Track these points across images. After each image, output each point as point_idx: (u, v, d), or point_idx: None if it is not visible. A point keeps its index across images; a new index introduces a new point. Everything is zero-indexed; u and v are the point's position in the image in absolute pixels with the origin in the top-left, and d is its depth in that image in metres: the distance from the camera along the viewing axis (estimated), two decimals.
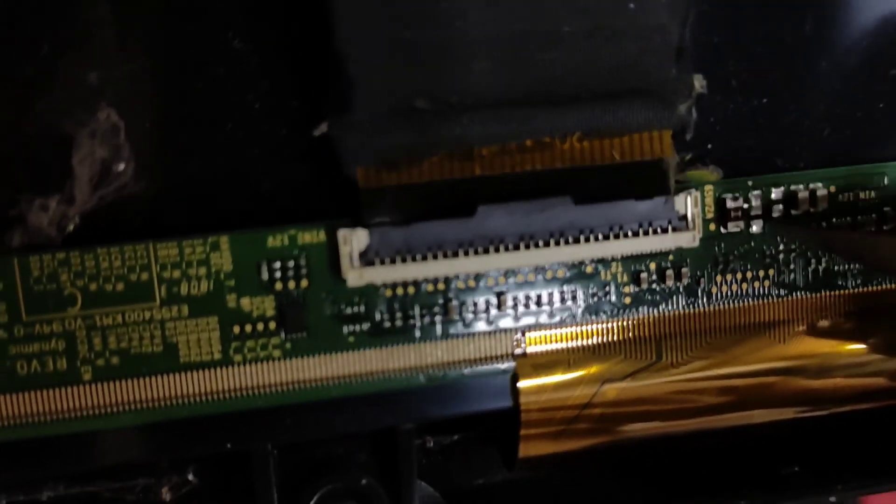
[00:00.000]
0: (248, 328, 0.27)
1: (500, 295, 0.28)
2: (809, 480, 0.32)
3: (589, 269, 0.29)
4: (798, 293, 0.30)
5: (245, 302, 0.27)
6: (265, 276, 0.27)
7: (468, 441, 0.32)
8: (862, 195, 0.30)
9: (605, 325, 0.29)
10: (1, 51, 0.25)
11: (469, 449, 0.32)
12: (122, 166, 0.26)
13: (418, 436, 0.31)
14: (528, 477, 0.33)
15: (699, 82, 0.28)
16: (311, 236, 0.27)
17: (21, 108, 0.26)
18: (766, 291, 0.30)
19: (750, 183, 0.29)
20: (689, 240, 0.28)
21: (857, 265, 0.30)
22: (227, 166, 0.27)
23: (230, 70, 0.27)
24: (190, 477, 0.30)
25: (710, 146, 0.29)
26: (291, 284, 0.27)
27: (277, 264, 0.27)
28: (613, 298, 0.29)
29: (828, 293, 0.30)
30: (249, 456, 0.28)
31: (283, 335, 0.27)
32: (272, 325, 0.27)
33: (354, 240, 0.27)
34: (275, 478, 0.28)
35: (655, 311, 0.29)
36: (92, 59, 0.26)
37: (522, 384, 0.29)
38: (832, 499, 0.32)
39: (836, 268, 0.30)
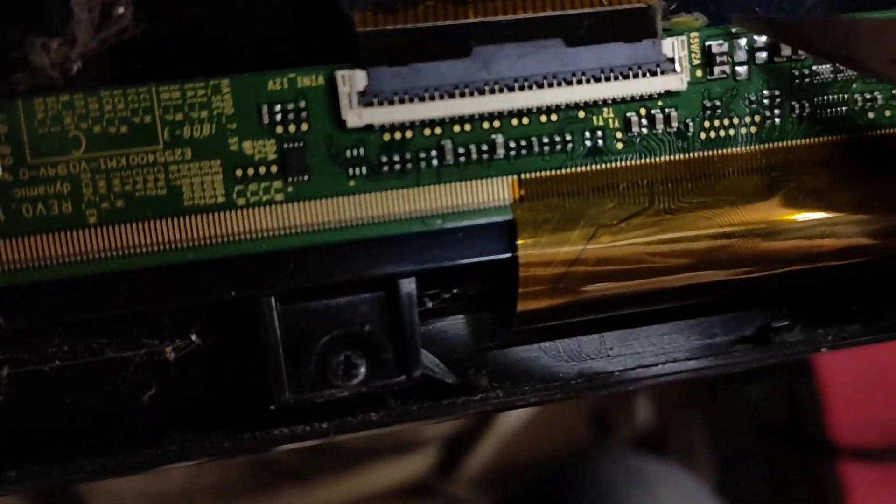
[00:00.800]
0: (251, 171, 0.28)
1: (496, 137, 0.29)
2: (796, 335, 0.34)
3: (581, 114, 0.29)
4: (784, 141, 0.31)
5: (247, 145, 0.28)
6: (266, 119, 0.28)
7: (465, 298, 0.33)
8: None
9: (598, 169, 0.30)
10: None
11: (466, 307, 0.33)
12: (121, 9, 0.27)
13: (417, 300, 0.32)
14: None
15: None
16: (311, 80, 0.28)
17: None
18: (752, 138, 0.31)
19: (734, 30, 0.30)
20: (677, 83, 0.29)
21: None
22: (228, 10, 0.28)
23: None
24: (193, 337, 0.31)
25: None
26: (292, 128, 0.28)
27: (278, 107, 0.28)
28: (606, 143, 0.30)
29: (814, 140, 0.31)
30: (252, 305, 0.29)
31: (284, 178, 0.28)
32: (274, 168, 0.28)
33: (353, 81, 0.27)
34: (279, 326, 0.29)
35: (647, 156, 0.30)
36: None
37: (521, 235, 0.29)
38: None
39: (820, 113, 0.31)
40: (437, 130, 0.29)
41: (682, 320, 0.34)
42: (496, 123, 0.29)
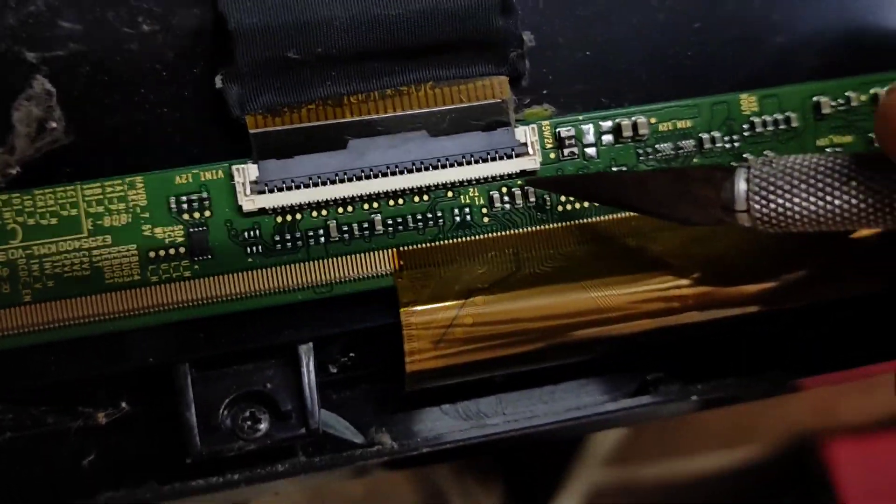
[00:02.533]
0: (162, 253, 0.32)
1: (374, 216, 0.34)
2: (672, 385, 0.37)
3: (449, 194, 0.34)
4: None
5: (158, 231, 0.33)
6: (174, 208, 0.33)
7: (368, 367, 0.37)
8: (680, 124, 0.35)
9: (468, 240, 0.34)
10: None
11: (370, 376, 0.37)
12: (54, 124, 0.32)
13: (322, 368, 0.36)
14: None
15: (528, 38, 0.35)
16: (212, 174, 0.33)
17: None
18: (602, 208, 0.35)
19: (581, 117, 0.35)
20: (531, 163, 0.34)
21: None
22: (142, 120, 0.33)
23: (141, 45, 0.33)
24: (123, 404, 0.35)
25: (545, 91, 0.35)
26: (197, 214, 0.33)
27: (184, 198, 0.33)
28: (473, 217, 0.34)
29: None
30: (169, 370, 0.33)
31: (191, 258, 0.33)
32: (182, 249, 0.33)
33: (246, 173, 0.33)
34: (192, 389, 0.33)
35: (510, 227, 0.34)
36: (30, 41, 0.32)
37: (402, 300, 0.33)
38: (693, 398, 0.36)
39: None
40: (323, 212, 0.33)
41: (571, 381, 0.38)
42: (374, 204, 0.34)
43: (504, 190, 0.34)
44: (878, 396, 0.90)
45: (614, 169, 0.35)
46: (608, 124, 0.35)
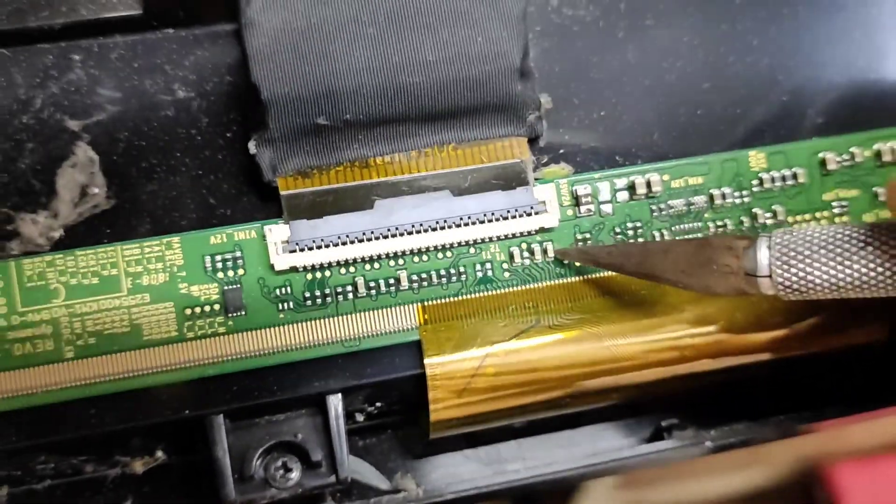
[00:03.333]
0: (198, 310, 0.34)
1: (400, 273, 0.35)
2: (686, 431, 0.38)
3: (472, 251, 0.36)
4: None
5: (195, 289, 0.34)
6: (210, 267, 0.34)
7: (393, 414, 0.38)
8: (692, 181, 0.37)
9: (489, 295, 0.36)
10: (5, 108, 0.33)
11: (396, 424, 0.38)
12: (96, 189, 0.34)
13: (349, 416, 0.37)
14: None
15: (545, 100, 0.36)
16: (245, 233, 0.34)
17: (19, 148, 0.34)
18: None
19: (597, 176, 0.37)
20: (550, 220, 0.36)
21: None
22: (178, 184, 0.35)
23: (177, 112, 0.35)
24: (159, 453, 0.36)
25: (561, 151, 0.37)
26: (231, 273, 0.34)
27: (219, 257, 0.34)
28: (494, 273, 0.36)
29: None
30: (204, 422, 0.34)
31: (225, 315, 0.34)
32: (217, 306, 0.34)
33: (278, 233, 0.34)
34: (227, 439, 0.34)
35: (530, 282, 0.36)
36: (73, 111, 0.34)
37: (427, 352, 0.35)
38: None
39: (677, 239, 0.37)
40: (351, 269, 0.35)
41: (588, 426, 0.39)
42: (400, 261, 0.35)
43: (524, 246, 0.36)
44: (885, 421, 0.91)
45: (629, 225, 0.37)
46: (623, 182, 0.37)
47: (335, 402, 0.35)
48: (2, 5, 0.33)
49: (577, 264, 0.36)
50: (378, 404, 0.37)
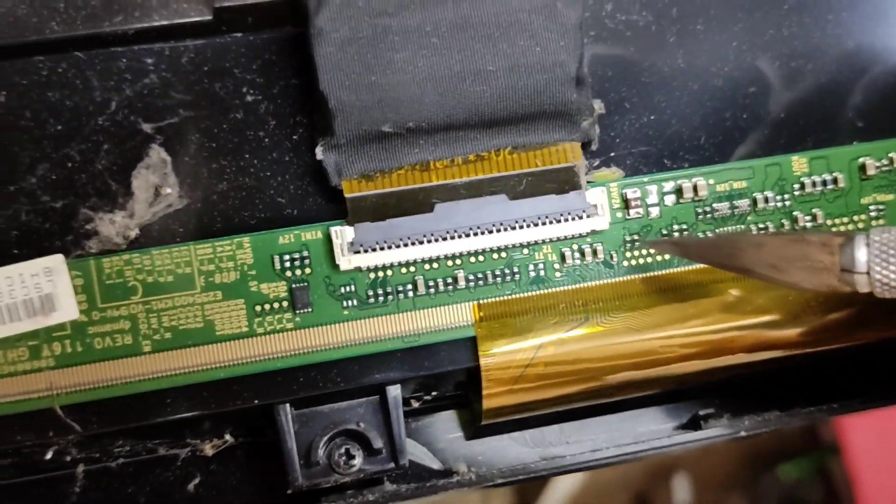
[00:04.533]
0: (267, 307, 0.36)
1: (458, 272, 0.37)
2: (723, 420, 0.41)
3: (525, 252, 0.37)
4: (693, 264, 0.38)
5: (264, 287, 0.36)
6: (278, 266, 0.36)
7: (445, 399, 0.40)
8: (736, 185, 0.39)
9: (541, 294, 0.38)
10: (82, 110, 0.35)
11: (448, 406, 0.41)
12: (168, 190, 0.35)
13: (405, 402, 0.39)
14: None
15: (598, 106, 0.38)
16: (312, 234, 0.36)
17: (95, 149, 0.35)
18: (666, 263, 0.38)
19: (646, 179, 0.38)
20: (601, 223, 0.37)
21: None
22: (248, 185, 0.36)
23: (246, 115, 0.36)
24: (227, 436, 0.38)
25: (612, 154, 0.38)
26: (298, 272, 0.36)
27: (287, 257, 0.36)
28: (546, 273, 0.38)
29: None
30: (272, 410, 0.36)
31: (293, 311, 0.36)
32: (285, 303, 0.36)
33: (343, 234, 0.36)
34: (293, 426, 0.36)
35: (580, 282, 0.38)
36: (147, 113, 0.35)
37: (481, 348, 0.37)
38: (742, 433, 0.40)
39: None
40: (411, 269, 0.37)
41: (627, 411, 0.42)
42: (458, 262, 0.37)
43: (575, 247, 0.38)
44: None
45: (675, 227, 0.38)
46: (670, 185, 0.38)
47: (394, 393, 0.37)
48: (77, 10, 0.35)
49: (617, 256, 0.38)
50: (434, 393, 0.40)
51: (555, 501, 0.99)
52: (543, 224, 0.37)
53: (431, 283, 0.37)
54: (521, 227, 0.37)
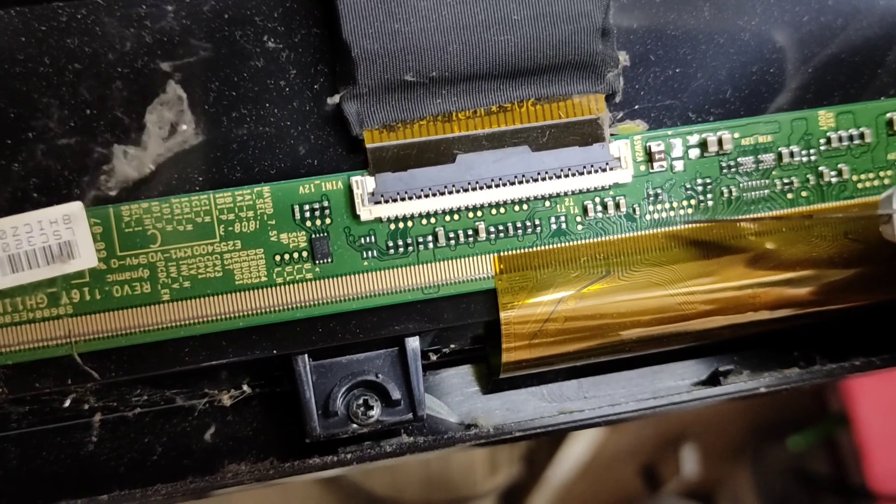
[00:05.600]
0: (287, 257, 0.36)
1: (479, 224, 0.37)
2: (742, 376, 0.40)
3: (547, 204, 0.37)
4: (715, 218, 0.38)
5: (283, 236, 0.36)
6: (298, 216, 0.36)
7: (463, 352, 0.40)
8: (761, 139, 0.38)
9: (563, 247, 0.37)
10: (101, 55, 0.34)
11: (465, 360, 0.41)
12: (184, 126, 0.35)
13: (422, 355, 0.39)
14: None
15: (623, 58, 0.37)
16: (332, 184, 0.36)
17: (109, 87, 0.35)
18: (689, 217, 0.38)
19: (669, 133, 0.38)
20: (624, 176, 0.37)
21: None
22: (268, 134, 0.36)
23: (266, 63, 0.36)
24: (244, 387, 0.38)
25: (636, 107, 0.38)
26: (318, 222, 0.36)
27: (307, 207, 0.36)
28: (568, 226, 0.37)
29: (741, 217, 0.38)
30: (290, 360, 0.36)
31: (313, 261, 0.36)
32: (305, 253, 0.36)
33: (364, 185, 0.35)
34: (311, 377, 0.36)
35: (602, 235, 0.37)
36: (164, 54, 0.35)
37: (502, 300, 0.37)
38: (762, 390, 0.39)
39: (745, 195, 0.38)
40: (432, 220, 0.36)
41: (646, 367, 0.41)
42: (479, 213, 0.37)
43: (597, 200, 0.37)
44: None
45: (698, 182, 0.38)
46: (695, 139, 0.38)
47: (413, 345, 0.37)
48: None
49: (640, 209, 0.37)
50: (452, 346, 0.39)
51: (563, 470, 0.99)
52: (566, 176, 0.36)
53: (452, 235, 0.36)
54: (544, 179, 0.36)
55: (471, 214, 0.37)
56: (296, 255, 0.36)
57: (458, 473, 0.92)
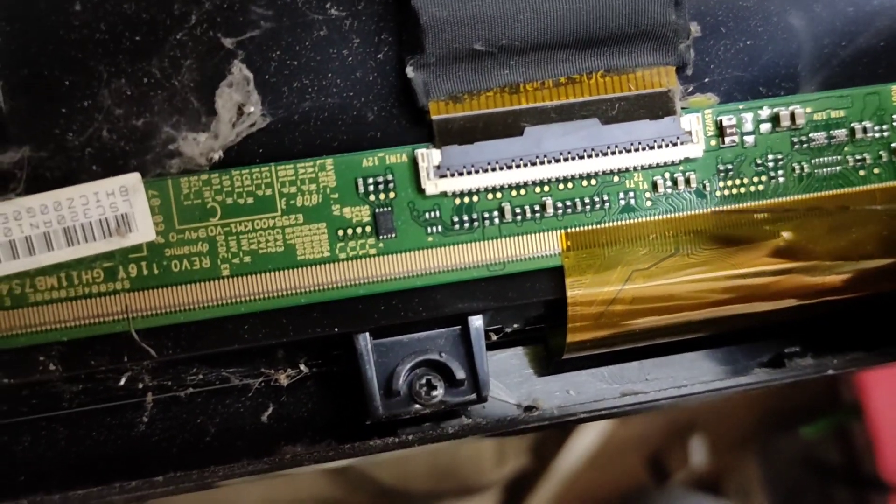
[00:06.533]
0: (350, 231, 0.35)
1: (546, 199, 0.35)
2: (806, 359, 0.39)
3: (616, 179, 0.36)
4: (787, 196, 0.37)
5: (346, 210, 0.35)
6: (361, 189, 0.35)
7: (521, 333, 0.39)
8: (833, 114, 0.37)
9: (631, 223, 0.36)
10: (160, 24, 0.33)
11: (523, 341, 0.40)
12: (251, 108, 0.34)
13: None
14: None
15: (695, 28, 0.36)
16: (397, 157, 0.35)
17: (175, 66, 0.33)
18: (760, 194, 0.37)
19: (741, 106, 0.37)
20: (694, 151, 0.36)
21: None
22: (331, 105, 0.35)
23: (330, 31, 0.34)
24: (302, 366, 0.37)
25: (706, 80, 0.37)
26: (382, 196, 0.35)
27: (371, 180, 0.35)
28: (637, 202, 0.36)
29: (813, 195, 0.37)
30: (350, 339, 0.35)
31: (377, 236, 0.35)
32: (368, 228, 0.35)
33: (430, 158, 0.34)
34: (372, 356, 0.35)
35: (671, 212, 0.36)
36: (228, 28, 0.34)
37: (569, 278, 0.36)
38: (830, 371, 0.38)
39: (817, 172, 0.37)
40: (498, 195, 0.35)
41: (708, 349, 0.40)
42: (546, 188, 0.36)
43: (667, 175, 0.36)
44: None
45: (769, 157, 0.37)
46: (766, 113, 0.37)
47: (477, 323, 0.36)
48: None
49: (710, 185, 0.36)
50: (515, 325, 0.38)
51: (570, 461, 0.99)
52: (636, 150, 0.35)
53: (518, 210, 0.35)
54: (613, 153, 0.35)
55: (538, 189, 0.36)
56: (359, 229, 0.35)
57: (465, 463, 0.92)
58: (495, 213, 0.35)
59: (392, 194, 0.35)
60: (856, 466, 1.02)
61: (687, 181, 0.36)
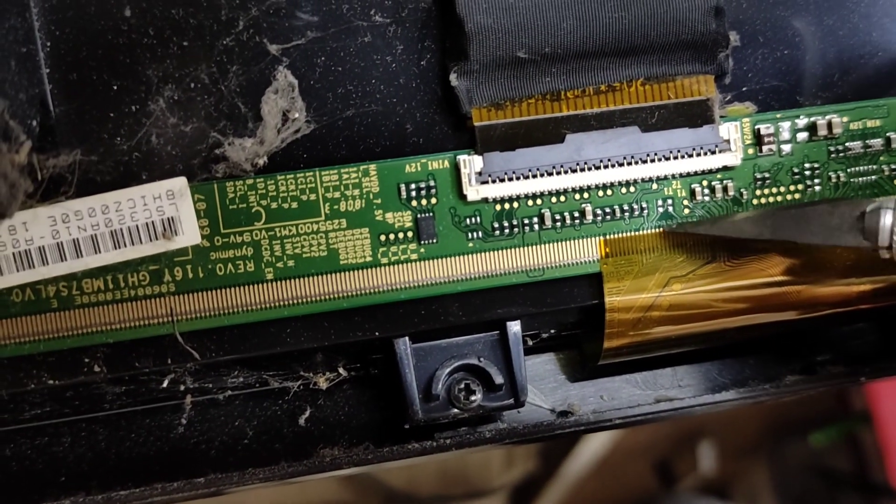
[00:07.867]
0: (392, 236, 0.35)
1: (585, 206, 0.36)
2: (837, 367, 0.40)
3: (655, 186, 0.36)
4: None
5: (389, 216, 0.35)
6: (404, 195, 0.35)
7: (557, 339, 0.39)
8: (870, 123, 0.37)
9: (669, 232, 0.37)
10: (207, 29, 0.34)
11: (557, 346, 0.40)
12: (296, 114, 0.34)
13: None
14: None
15: (734, 38, 0.36)
16: (439, 163, 0.35)
17: (223, 72, 0.34)
18: (797, 203, 0.37)
19: (778, 115, 0.37)
20: (732, 159, 0.36)
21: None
22: (374, 111, 0.35)
23: (374, 38, 0.35)
24: (340, 370, 0.38)
25: (744, 88, 0.37)
26: (424, 202, 0.35)
27: (413, 186, 0.35)
28: (675, 209, 0.36)
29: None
30: (390, 343, 0.36)
31: (419, 241, 0.35)
32: (410, 233, 0.35)
33: (472, 164, 0.35)
34: (412, 360, 0.36)
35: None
36: (273, 34, 0.34)
37: (607, 285, 0.36)
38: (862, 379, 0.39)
39: (853, 181, 0.37)
40: (539, 201, 0.36)
41: (742, 356, 0.41)
42: (585, 195, 0.36)
43: (705, 183, 0.37)
44: None
45: (806, 167, 0.37)
46: (804, 122, 0.37)
47: (515, 329, 0.36)
48: None
49: (748, 193, 0.37)
50: (552, 331, 0.39)
51: (578, 466, 0.99)
52: (675, 158, 0.36)
53: (558, 217, 0.36)
54: (653, 161, 0.36)
55: (577, 196, 0.36)
56: (401, 234, 0.35)
57: (473, 468, 0.92)
58: (535, 220, 0.36)
59: (434, 200, 0.35)
60: (865, 474, 1.02)
61: (724, 189, 0.37)
